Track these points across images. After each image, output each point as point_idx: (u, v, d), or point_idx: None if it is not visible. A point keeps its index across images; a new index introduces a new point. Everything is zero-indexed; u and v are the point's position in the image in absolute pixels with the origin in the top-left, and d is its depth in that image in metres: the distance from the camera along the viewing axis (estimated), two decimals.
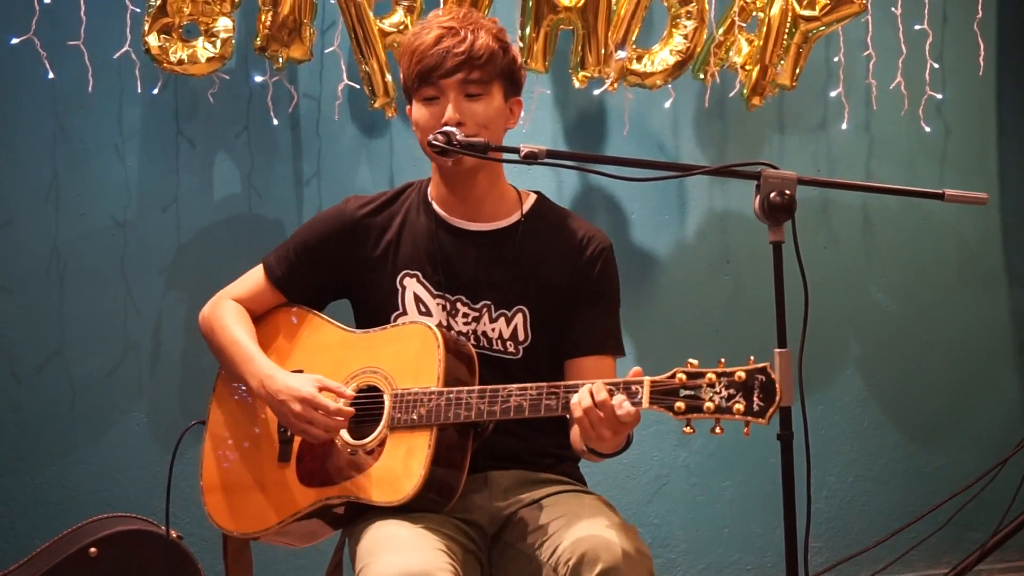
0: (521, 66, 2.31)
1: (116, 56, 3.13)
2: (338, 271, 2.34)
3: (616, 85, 3.36)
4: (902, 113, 3.72)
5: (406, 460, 2.11)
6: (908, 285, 3.84)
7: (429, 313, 2.27)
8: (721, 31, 3.44)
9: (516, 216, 2.31)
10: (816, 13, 3.42)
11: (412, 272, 2.29)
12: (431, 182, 2.36)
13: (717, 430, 1.94)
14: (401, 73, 2.29)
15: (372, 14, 3.17)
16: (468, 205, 2.30)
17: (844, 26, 3.52)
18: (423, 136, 2.23)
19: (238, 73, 3.29)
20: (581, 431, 2.03)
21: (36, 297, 3.22)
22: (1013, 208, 3.92)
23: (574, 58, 3.38)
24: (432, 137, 2.17)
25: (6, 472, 3.21)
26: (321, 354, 2.29)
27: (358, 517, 2.21)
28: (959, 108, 3.85)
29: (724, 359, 1.96)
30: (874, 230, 3.80)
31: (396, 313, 2.29)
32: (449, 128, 2.17)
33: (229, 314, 2.34)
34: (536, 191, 2.38)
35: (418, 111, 2.25)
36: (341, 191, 3.35)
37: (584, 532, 2.05)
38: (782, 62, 3.45)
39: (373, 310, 2.31)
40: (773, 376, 1.92)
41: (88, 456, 3.25)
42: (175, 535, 2.79)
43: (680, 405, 1.95)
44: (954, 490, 3.51)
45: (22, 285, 3.22)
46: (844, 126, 3.68)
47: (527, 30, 3.29)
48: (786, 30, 3.42)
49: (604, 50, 3.31)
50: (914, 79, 3.68)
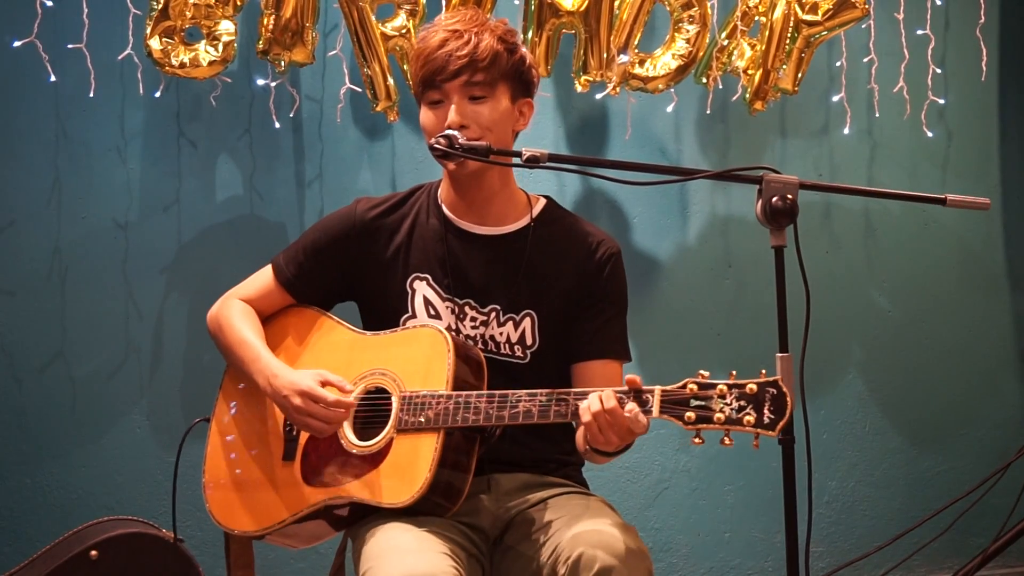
0: (531, 67, 2.28)
1: (118, 59, 3.13)
2: (347, 273, 2.34)
3: (618, 89, 3.37)
4: (904, 118, 3.72)
5: (412, 462, 2.11)
6: (910, 290, 3.83)
7: (438, 316, 2.27)
8: (723, 35, 3.45)
9: (526, 220, 2.31)
10: (818, 18, 3.42)
11: (422, 275, 2.29)
12: (441, 184, 2.35)
13: (727, 441, 1.95)
14: (410, 78, 2.28)
15: (374, 18, 3.18)
16: (477, 208, 2.29)
17: (846, 31, 3.52)
18: (427, 139, 2.23)
19: (240, 76, 3.30)
20: (588, 435, 2.04)
21: (38, 299, 3.22)
22: (1015, 213, 3.91)
23: (576, 62, 3.38)
24: (434, 141, 2.17)
25: (7, 474, 3.21)
26: (330, 355, 2.29)
27: (362, 519, 2.21)
28: (961, 113, 3.85)
29: (736, 372, 1.97)
30: (876, 235, 3.80)
31: (406, 316, 2.29)
32: (451, 131, 2.17)
33: (237, 313, 2.34)
34: (546, 195, 2.38)
35: (424, 115, 2.24)
36: (343, 194, 3.36)
37: (583, 531, 2.05)
38: (784, 67, 3.45)
39: (382, 312, 2.31)
40: (784, 389, 1.93)
41: (89, 458, 3.25)
42: (177, 538, 2.78)
43: (690, 415, 1.96)
44: (956, 495, 3.50)
45: (24, 287, 3.22)
46: (846, 131, 3.68)
47: (529, 34, 3.29)
48: (788, 35, 3.42)
49: (606, 54, 3.31)
50: (916, 84, 3.68)
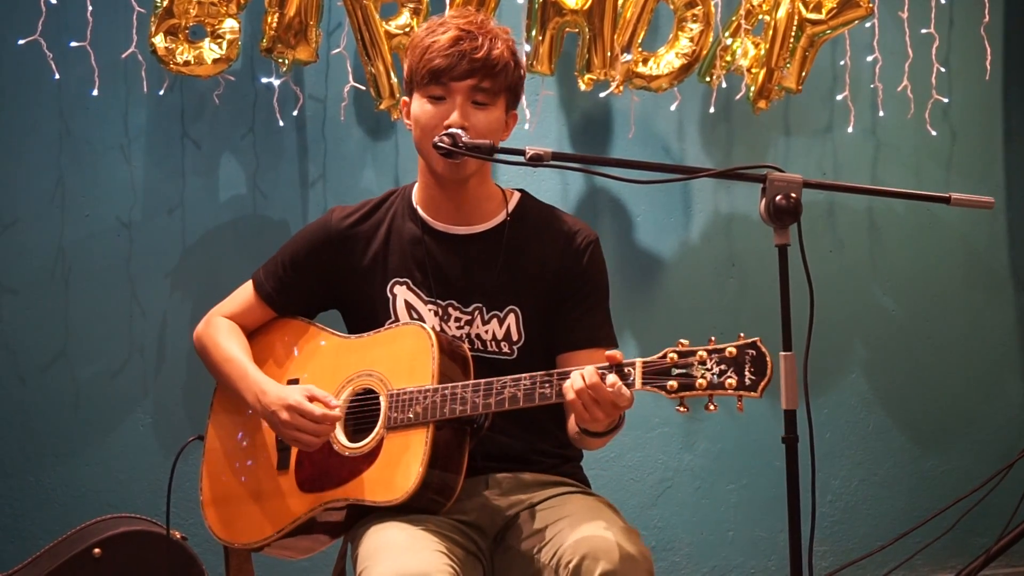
0: (523, 81, 2.31)
1: (122, 57, 3.13)
2: (327, 283, 2.35)
3: (622, 88, 3.36)
4: (908, 117, 3.72)
5: (404, 459, 2.11)
6: (913, 289, 3.83)
7: (421, 319, 2.27)
8: (727, 34, 3.44)
9: (502, 216, 2.31)
10: (822, 17, 3.42)
11: (402, 280, 2.29)
12: (416, 187, 2.35)
13: (711, 407, 1.96)
14: (406, 64, 2.27)
15: (378, 16, 3.18)
16: (455, 208, 2.29)
17: (850, 30, 3.52)
18: (420, 133, 2.23)
19: (244, 75, 3.30)
20: (575, 413, 2.04)
21: (41, 298, 3.23)
22: (1019, 212, 3.91)
23: (580, 61, 3.38)
24: (438, 138, 2.17)
25: (11, 472, 3.21)
26: (317, 361, 2.30)
27: (359, 521, 2.21)
28: (965, 112, 3.84)
29: (715, 337, 1.97)
30: (880, 234, 3.80)
31: (389, 321, 2.29)
32: (455, 130, 2.17)
33: (222, 331, 2.35)
34: (520, 189, 2.38)
35: (420, 107, 2.23)
36: (346, 192, 3.36)
37: (585, 534, 2.05)
38: (788, 65, 3.45)
39: (365, 319, 2.31)
40: (763, 350, 1.94)
41: (93, 457, 3.25)
42: (179, 536, 2.79)
43: (672, 384, 1.96)
44: (959, 494, 3.50)
45: (27, 286, 3.22)
46: (850, 129, 3.68)
47: (533, 32, 3.29)
48: (792, 33, 3.41)
49: (610, 53, 3.31)
50: (920, 83, 3.68)
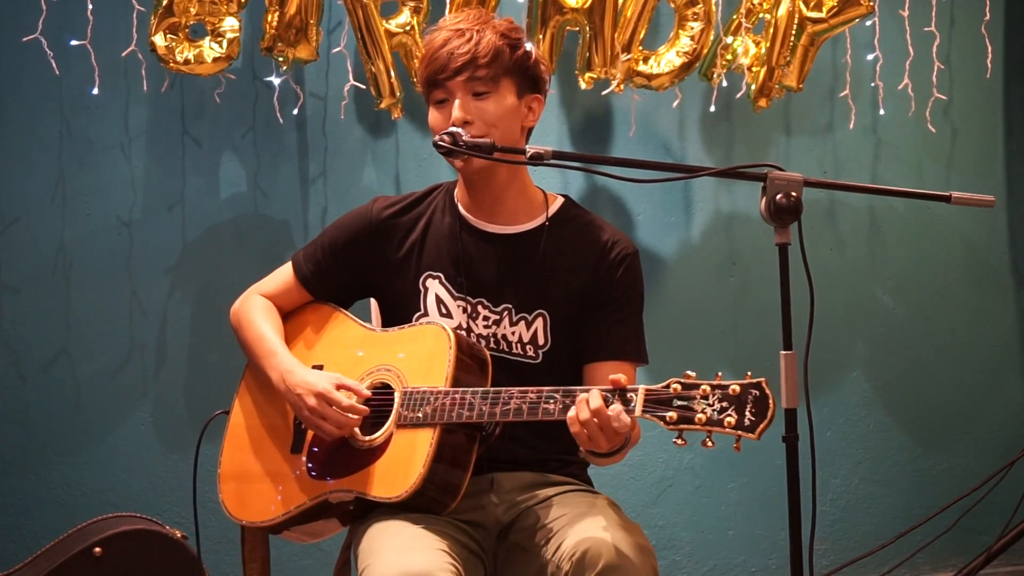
0: (538, 62, 2.27)
1: (123, 56, 3.13)
2: (363, 271, 2.35)
3: (622, 86, 3.36)
4: (909, 115, 3.71)
5: (409, 458, 2.11)
6: (914, 287, 3.83)
7: (449, 315, 2.27)
8: (728, 33, 3.44)
9: (541, 219, 2.30)
10: (823, 15, 3.41)
11: (435, 274, 2.30)
12: (457, 183, 2.35)
13: (708, 443, 1.92)
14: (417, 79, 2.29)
15: (378, 15, 3.17)
16: (490, 207, 2.29)
17: (851, 28, 3.51)
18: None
19: (244, 73, 3.30)
20: (575, 438, 2.03)
21: (42, 296, 3.23)
22: (1020, 210, 3.91)
23: (580, 59, 3.38)
24: (438, 138, 2.17)
25: (12, 471, 3.21)
26: (341, 350, 2.31)
27: (363, 515, 2.21)
28: (966, 110, 3.84)
29: (722, 373, 1.95)
30: (880, 232, 3.80)
31: (418, 314, 2.29)
32: (454, 129, 2.17)
33: (257, 309, 2.36)
34: (564, 194, 2.37)
35: (432, 115, 2.25)
36: (347, 191, 3.36)
37: (587, 530, 2.05)
38: (789, 64, 3.44)
39: (396, 311, 2.32)
40: (767, 391, 1.90)
41: (93, 455, 3.25)
42: (180, 535, 2.79)
43: (672, 415, 1.94)
44: (960, 493, 3.50)
45: (28, 284, 3.22)
46: (851, 128, 3.68)
47: (534, 31, 3.29)
48: (793, 32, 3.41)
49: (610, 51, 3.31)
50: (921, 81, 3.67)
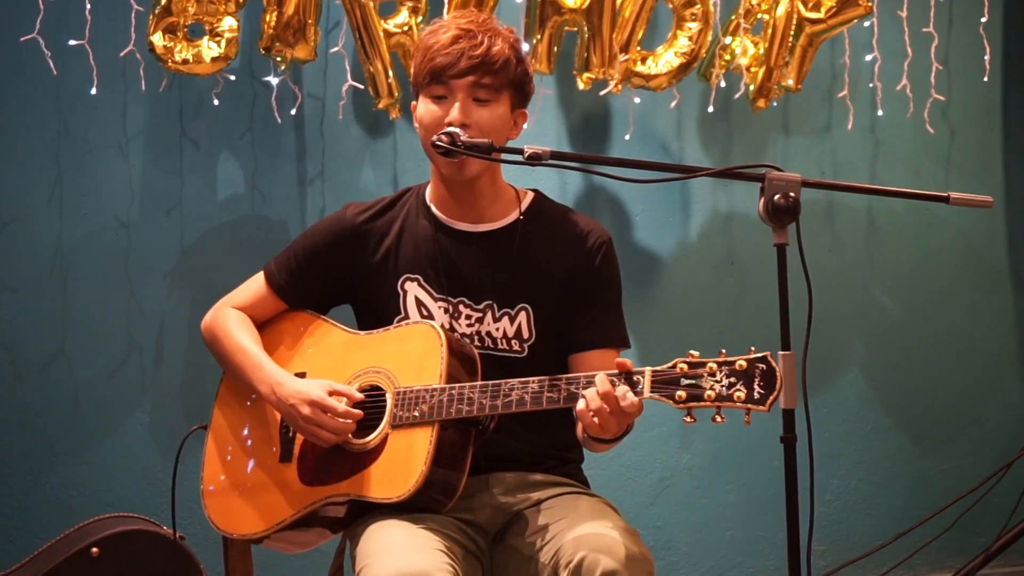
0: (531, 79, 2.30)
1: (121, 56, 3.13)
2: (339, 278, 2.35)
3: (621, 87, 3.36)
4: (907, 116, 3.72)
5: (407, 457, 2.11)
6: (912, 288, 3.83)
7: (431, 316, 2.27)
8: (726, 33, 3.44)
9: (515, 215, 2.31)
10: (822, 16, 3.41)
11: (413, 276, 2.30)
12: (429, 185, 2.35)
13: (718, 418, 1.94)
14: (411, 68, 2.28)
15: (377, 15, 3.17)
16: (467, 207, 2.30)
17: (849, 29, 3.52)
18: (425, 134, 2.23)
19: (242, 73, 3.29)
20: (584, 424, 2.04)
21: (39, 297, 3.22)
22: (1018, 211, 3.91)
23: (579, 59, 3.38)
24: (436, 137, 2.17)
25: (9, 471, 3.21)
26: (325, 356, 2.30)
27: (359, 517, 2.21)
28: (964, 111, 3.84)
29: (725, 350, 1.97)
30: (879, 233, 3.80)
31: (399, 318, 2.29)
32: (453, 128, 2.17)
33: (233, 321, 2.35)
34: (534, 189, 2.38)
35: (424, 108, 2.24)
36: (345, 192, 3.36)
37: (585, 534, 2.05)
38: (787, 64, 3.44)
39: (375, 315, 2.32)
40: (774, 364, 1.93)
41: (91, 456, 3.25)
42: (178, 535, 2.79)
43: (681, 394, 1.96)
44: (958, 494, 3.49)
45: (25, 285, 3.22)
46: (849, 128, 3.68)
47: (532, 31, 3.29)
48: (791, 32, 3.41)
49: (609, 52, 3.31)
50: (919, 82, 3.68)
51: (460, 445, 2.13)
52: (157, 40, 3.07)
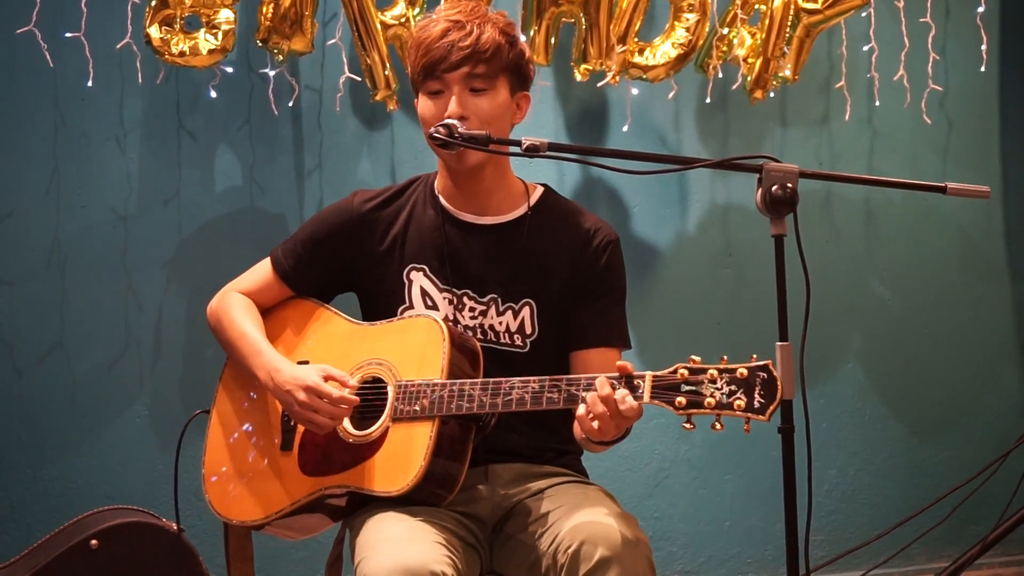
0: (530, 60, 2.29)
1: (117, 48, 3.13)
2: (345, 265, 2.35)
3: (618, 78, 3.36)
4: (904, 106, 3.71)
5: (407, 451, 2.11)
6: (910, 278, 3.83)
7: (435, 307, 2.27)
8: (723, 24, 3.44)
9: (523, 209, 2.31)
10: (819, 6, 3.41)
11: (419, 266, 2.29)
12: (437, 175, 2.35)
13: (717, 426, 1.94)
14: (408, 66, 2.28)
15: (374, 6, 3.17)
16: (474, 199, 2.29)
17: (847, 19, 3.51)
18: (425, 130, 2.22)
19: (240, 65, 3.29)
20: (581, 425, 2.04)
21: (37, 290, 3.22)
22: (1015, 201, 3.91)
23: (576, 51, 3.37)
24: (433, 130, 2.17)
25: (8, 464, 3.21)
26: (328, 345, 2.30)
27: (358, 508, 2.21)
28: (962, 101, 3.84)
29: (727, 356, 1.96)
30: (876, 223, 3.80)
31: (403, 307, 2.29)
32: (451, 121, 2.16)
33: (237, 307, 2.35)
34: (543, 184, 2.38)
35: (423, 104, 2.24)
36: (343, 184, 3.35)
37: (583, 520, 2.05)
38: (784, 54, 3.44)
39: (380, 304, 2.32)
40: (775, 373, 1.93)
41: (89, 449, 3.25)
42: (176, 527, 2.79)
43: (681, 400, 1.96)
44: (955, 484, 3.50)
45: (23, 278, 3.22)
46: (846, 119, 3.68)
47: (529, 23, 3.28)
48: (788, 23, 3.41)
49: (606, 43, 3.30)
50: (917, 72, 3.67)
51: (460, 440, 2.13)
52: (154, 32, 3.07)
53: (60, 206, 3.23)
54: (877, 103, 3.72)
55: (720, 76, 3.49)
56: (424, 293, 2.28)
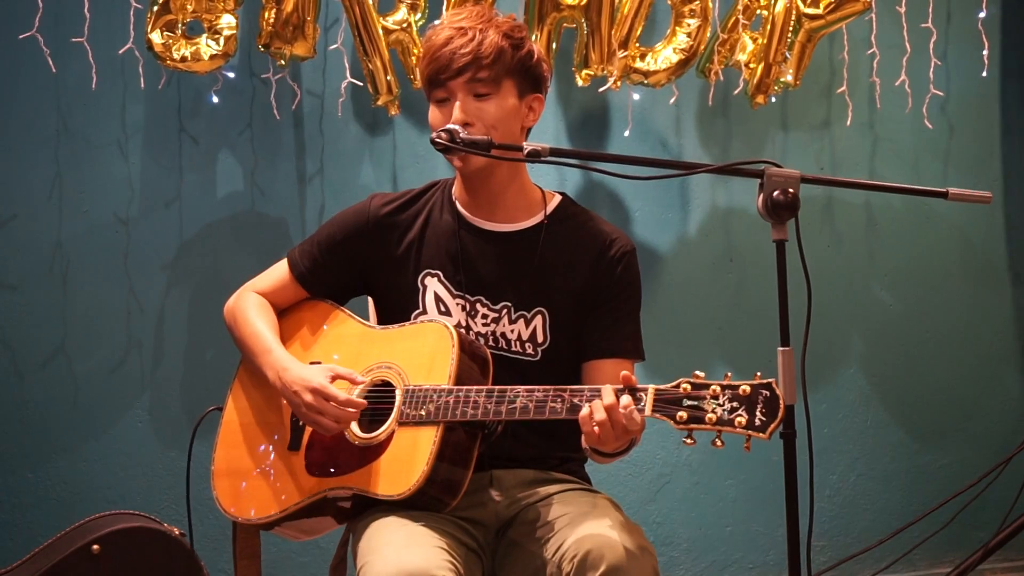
0: (540, 61, 2.26)
1: (119, 53, 3.13)
2: (360, 268, 2.35)
3: (619, 83, 3.36)
4: (906, 111, 3.72)
5: (411, 455, 2.11)
6: (911, 283, 3.83)
7: (448, 313, 2.27)
8: (725, 29, 3.44)
9: (539, 217, 2.30)
10: (820, 11, 3.41)
11: (433, 271, 2.29)
12: (455, 181, 2.35)
13: (718, 443, 1.94)
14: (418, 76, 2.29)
15: (375, 12, 3.17)
16: (489, 205, 2.29)
17: (848, 24, 3.51)
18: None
19: (241, 70, 3.29)
20: (585, 434, 2.04)
21: (39, 294, 3.22)
22: (1017, 206, 3.91)
23: (577, 56, 3.38)
24: (435, 135, 2.16)
25: (9, 468, 3.21)
26: (340, 347, 2.30)
27: (362, 512, 2.21)
28: (963, 106, 3.84)
29: (731, 373, 1.96)
30: (878, 228, 3.80)
31: (416, 312, 2.29)
32: (452, 126, 2.16)
33: (251, 306, 2.36)
34: (561, 192, 2.37)
35: (431, 112, 2.24)
36: (344, 189, 3.36)
37: (589, 531, 2.05)
38: (786, 59, 3.44)
39: (394, 308, 2.32)
40: (778, 391, 1.92)
41: (91, 453, 3.25)
42: (177, 532, 2.79)
43: (682, 415, 1.95)
44: (957, 489, 3.50)
45: (25, 282, 3.22)
46: (848, 124, 3.68)
47: (531, 28, 3.29)
48: (790, 28, 3.41)
49: (607, 48, 3.31)
50: (918, 77, 3.68)
51: (465, 446, 2.13)
52: (156, 38, 3.07)
53: (62, 210, 3.24)
54: (878, 108, 3.72)
55: (722, 81, 3.49)
56: (438, 299, 2.28)
